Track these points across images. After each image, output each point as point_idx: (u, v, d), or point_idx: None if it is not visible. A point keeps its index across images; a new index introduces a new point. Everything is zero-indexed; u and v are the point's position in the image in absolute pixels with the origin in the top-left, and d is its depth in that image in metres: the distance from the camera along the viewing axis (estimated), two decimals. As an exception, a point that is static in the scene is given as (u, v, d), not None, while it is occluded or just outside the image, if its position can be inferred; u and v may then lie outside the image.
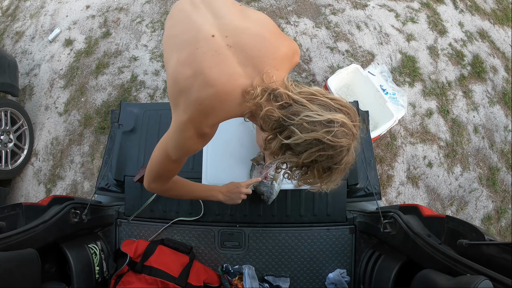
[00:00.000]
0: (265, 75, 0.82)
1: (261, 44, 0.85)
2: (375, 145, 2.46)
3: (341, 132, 0.74)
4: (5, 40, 3.15)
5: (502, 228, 2.33)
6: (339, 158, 0.77)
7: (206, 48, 0.84)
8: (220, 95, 0.82)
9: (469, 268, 0.83)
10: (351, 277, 1.46)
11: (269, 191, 1.37)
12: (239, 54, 0.83)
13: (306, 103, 0.76)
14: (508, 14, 2.99)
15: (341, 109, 0.77)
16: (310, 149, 0.75)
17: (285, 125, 0.77)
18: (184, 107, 0.84)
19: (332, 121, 0.74)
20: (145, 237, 1.51)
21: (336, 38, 2.80)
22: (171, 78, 0.88)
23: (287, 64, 0.91)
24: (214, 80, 0.81)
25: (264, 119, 0.80)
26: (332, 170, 0.79)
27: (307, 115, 0.74)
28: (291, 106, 0.77)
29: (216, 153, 1.46)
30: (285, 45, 0.92)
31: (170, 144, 0.92)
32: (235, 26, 0.87)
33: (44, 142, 2.68)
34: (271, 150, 0.82)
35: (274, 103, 0.78)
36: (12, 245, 0.98)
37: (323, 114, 0.74)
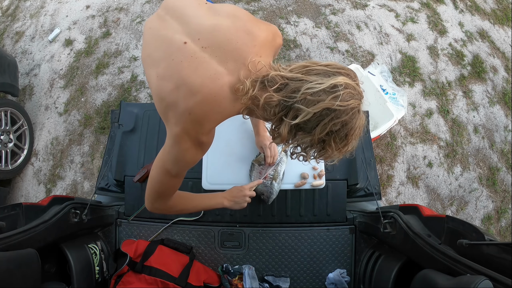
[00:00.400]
0: (250, 64, 0.78)
1: (236, 36, 0.81)
2: (375, 145, 2.46)
3: (347, 94, 0.71)
4: (5, 40, 3.15)
5: (502, 228, 2.33)
6: (354, 122, 0.73)
7: (181, 57, 0.81)
8: (208, 99, 0.78)
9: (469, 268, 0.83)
10: (351, 277, 1.46)
11: (269, 191, 1.37)
12: (216, 53, 0.80)
13: (302, 76, 0.73)
14: (508, 14, 2.99)
15: (340, 72, 0.74)
16: (322, 121, 0.71)
17: (289, 106, 0.73)
18: (175, 120, 0.81)
19: (335, 85, 0.70)
20: (145, 237, 1.51)
21: (336, 38, 2.80)
22: (156, 95, 0.85)
23: (269, 49, 0.87)
24: (197, 86, 0.78)
25: (265, 107, 0.77)
26: (348, 137, 0.75)
27: (308, 88, 0.71)
28: (287, 85, 0.74)
29: (216, 153, 1.46)
30: (262, 29, 0.87)
31: (168, 160, 0.88)
32: (205, 27, 0.83)
33: (44, 142, 2.68)
34: (281, 136, 0.77)
35: (270, 88, 0.75)
36: (12, 245, 0.98)
37: (323, 81, 0.71)
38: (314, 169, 1.43)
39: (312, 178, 1.43)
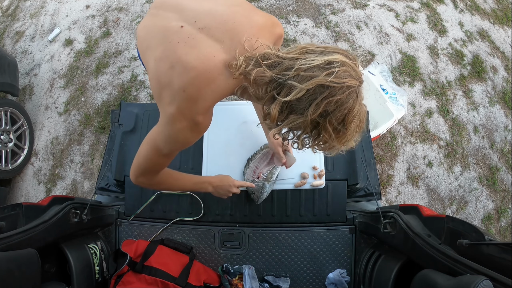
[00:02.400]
0: (246, 42, 0.77)
1: (233, 17, 0.81)
2: (375, 145, 2.46)
3: (343, 72, 0.67)
4: (5, 40, 3.15)
5: (502, 228, 2.33)
6: (351, 104, 0.68)
7: (178, 39, 0.81)
8: (203, 75, 0.77)
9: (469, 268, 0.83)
10: (351, 277, 1.46)
11: (260, 191, 1.37)
12: (213, 32, 0.80)
13: (298, 56, 0.70)
14: (508, 14, 2.99)
15: (337, 51, 0.70)
16: (315, 100, 0.67)
17: (281, 82, 0.70)
18: (169, 99, 0.80)
19: (331, 61, 0.67)
20: (145, 237, 1.51)
21: (336, 38, 2.80)
22: (153, 78, 0.85)
23: (268, 34, 0.85)
24: (192, 63, 0.77)
25: (257, 83, 0.74)
26: (347, 122, 0.70)
27: (301, 64, 0.67)
28: (282, 63, 0.71)
29: (216, 152, 1.46)
30: (260, 15, 0.88)
31: (160, 139, 0.87)
32: (201, 11, 0.84)
33: (44, 142, 2.68)
34: (272, 116, 0.73)
35: (263, 62, 0.72)
36: (12, 245, 0.98)
37: (318, 57, 0.68)
38: (314, 169, 1.43)
39: (312, 178, 1.43)
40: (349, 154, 1.54)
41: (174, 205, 1.53)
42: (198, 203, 1.51)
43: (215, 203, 1.52)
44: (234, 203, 1.52)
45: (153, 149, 0.90)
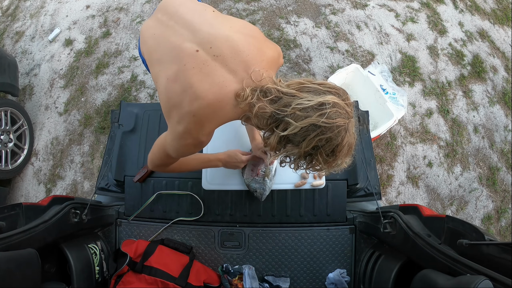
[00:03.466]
0: (253, 73, 0.83)
1: (248, 49, 0.86)
2: (375, 145, 2.46)
3: (334, 113, 0.75)
4: (5, 40, 3.15)
5: (502, 228, 2.33)
6: (339, 139, 0.77)
7: (193, 64, 0.85)
8: (213, 104, 0.83)
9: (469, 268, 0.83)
10: (351, 277, 1.46)
11: (262, 188, 1.36)
12: (227, 62, 0.84)
13: (296, 92, 0.78)
14: (508, 14, 2.99)
15: (330, 91, 0.78)
16: (308, 136, 0.76)
17: (279, 118, 0.78)
18: (177, 119, 0.87)
19: (323, 103, 0.75)
20: (145, 237, 1.51)
21: (336, 38, 2.80)
22: (163, 95, 0.90)
23: (273, 66, 0.93)
24: (204, 91, 0.82)
25: (258, 116, 0.82)
26: (336, 153, 0.79)
27: (298, 103, 0.75)
28: (281, 99, 0.79)
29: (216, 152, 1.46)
30: (271, 48, 0.95)
31: (169, 148, 0.95)
32: (217, 36, 0.87)
33: (44, 142, 2.68)
34: (271, 146, 0.83)
35: (264, 99, 0.80)
36: (12, 245, 0.98)
37: (313, 99, 0.75)
38: (314, 169, 1.43)
39: (312, 178, 1.43)
40: (349, 154, 1.54)
41: (174, 205, 1.53)
42: (198, 203, 1.51)
43: (215, 203, 1.52)
44: (234, 203, 1.52)
45: (163, 153, 0.99)
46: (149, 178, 1.55)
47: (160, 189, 1.53)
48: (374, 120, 2.23)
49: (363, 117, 1.63)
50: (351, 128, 0.80)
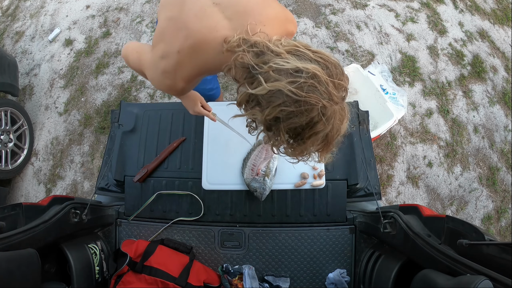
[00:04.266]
0: (250, 25, 0.77)
1: (248, 1, 0.83)
2: (375, 145, 2.46)
3: (309, 86, 0.63)
4: (5, 40, 3.15)
5: (502, 228, 2.33)
6: (307, 120, 0.66)
7: (191, 6, 0.84)
8: (198, 44, 0.81)
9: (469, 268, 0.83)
10: (351, 277, 1.46)
11: (262, 187, 1.37)
12: (225, 10, 0.82)
13: (282, 52, 0.68)
14: (508, 14, 2.99)
15: (319, 61, 0.66)
16: (272, 103, 0.66)
17: (254, 74, 0.69)
18: (162, 53, 0.86)
19: (300, 70, 0.63)
20: (145, 237, 1.51)
21: (336, 38, 2.80)
22: (158, 30, 0.91)
23: (277, 26, 0.85)
24: (194, 31, 0.81)
25: (236, 65, 0.74)
26: (303, 136, 0.69)
27: (275, 63, 0.66)
28: (264, 54, 0.70)
29: (216, 153, 1.46)
30: (275, 7, 0.89)
31: (146, 71, 0.95)
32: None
33: (44, 142, 2.68)
34: (238, 101, 0.75)
35: (249, 49, 0.72)
36: (12, 245, 0.98)
37: (292, 62, 0.65)
38: (314, 169, 1.43)
39: (312, 178, 1.43)
40: (349, 154, 1.54)
41: (174, 205, 1.53)
42: (198, 203, 1.51)
43: (215, 203, 1.52)
44: (234, 203, 1.52)
45: (138, 66, 1.01)
46: (149, 178, 1.55)
47: (160, 189, 1.52)
48: (374, 120, 2.23)
49: (363, 117, 1.63)
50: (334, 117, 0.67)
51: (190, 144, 1.59)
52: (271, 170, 1.38)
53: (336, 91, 0.66)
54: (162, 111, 1.66)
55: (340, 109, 0.69)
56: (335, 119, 0.68)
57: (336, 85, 0.66)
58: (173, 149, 1.57)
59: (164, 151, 1.57)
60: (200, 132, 1.56)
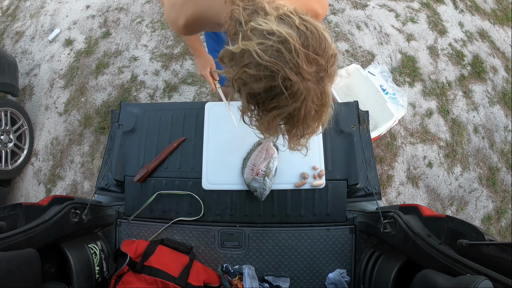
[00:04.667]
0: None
1: None
2: (375, 145, 2.46)
3: (275, 50, 0.58)
4: (5, 40, 3.15)
5: (502, 228, 2.33)
6: (265, 87, 0.61)
7: None
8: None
9: (469, 268, 0.83)
10: (351, 277, 1.46)
11: (262, 187, 1.37)
12: None
13: (271, 14, 0.63)
14: (508, 14, 2.99)
15: (300, 28, 0.60)
16: (240, 64, 0.62)
17: (239, 31, 0.65)
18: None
19: (273, 33, 0.58)
20: (145, 237, 1.51)
21: (336, 38, 2.80)
22: None
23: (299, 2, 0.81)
24: None
25: (230, 18, 0.70)
26: (266, 108, 0.64)
27: (256, 22, 0.62)
28: (254, 12, 0.66)
29: (216, 153, 1.46)
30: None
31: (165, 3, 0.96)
32: None
33: (44, 142, 2.68)
34: (219, 56, 0.69)
35: (243, 4, 0.68)
36: (12, 245, 0.98)
37: (270, 24, 0.60)
38: (314, 169, 1.43)
39: (312, 178, 1.43)
40: (349, 154, 1.54)
41: (174, 205, 1.53)
42: (198, 203, 1.51)
43: (215, 203, 1.52)
44: (234, 203, 1.52)
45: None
46: (149, 178, 1.55)
47: (160, 189, 1.52)
48: (374, 120, 2.23)
49: (363, 117, 1.63)
50: (305, 96, 0.61)
51: (190, 144, 1.59)
52: (271, 170, 1.38)
53: (307, 65, 0.59)
54: (162, 111, 1.66)
55: (318, 91, 0.63)
56: (306, 100, 0.62)
57: (310, 58, 0.59)
58: (173, 149, 1.57)
59: (164, 151, 1.57)
60: (200, 132, 1.56)
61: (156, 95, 2.68)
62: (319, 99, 0.63)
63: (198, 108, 1.63)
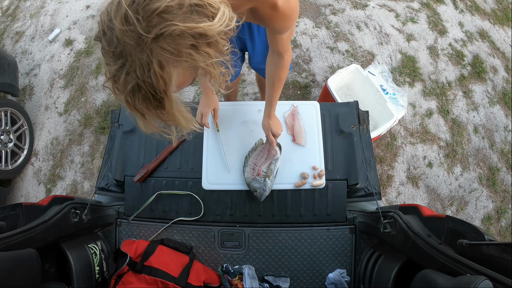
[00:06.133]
0: None
1: None
2: (375, 145, 2.46)
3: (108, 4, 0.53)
4: (5, 40, 3.15)
5: (502, 228, 2.33)
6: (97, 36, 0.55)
7: None
8: None
9: (469, 268, 0.83)
10: (351, 277, 1.46)
11: (262, 188, 1.37)
12: None
13: None
14: (508, 14, 2.99)
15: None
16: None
17: None
18: None
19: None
20: (145, 237, 1.51)
21: (336, 38, 2.80)
22: None
23: None
24: None
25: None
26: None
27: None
28: None
29: (216, 153, 1.46)
30: None
31: None
32: None
33: (44, 142, 2.68)
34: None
35: None
36: (12, 245, 0.98)
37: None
38: (314, 169, 1.43)
39: (312, 178, 1.43)
40: (349, 154, 1.54)
41: (174, 205, 1.53)
42: (198, 203, 1.51)
43: (215, 203, 1.52)
44: (234, 203, 1.52)
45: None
46: (149, 178, 1.55)
47: (160, 189, 1.52)
48: (374, 120, 2.23)
49: (363, 117, 1.63)
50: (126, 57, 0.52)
51: (190, 144, 1.59)
52: (273, 172, 1.38)
53: (121, 23, 0.50)
54: (162, 111, 1.66)
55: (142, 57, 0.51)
56: (127, 64, 0.52)
57: (128, 16, 0.50)
58: (173, 149, 1.57)
59: (164, 151, 1.57)
60: (200, 132, 1.56)
61: (156, 95, 2.68)
62: (141, 69, 0.52)
63: (198, 108, 1.63)
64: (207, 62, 0.56)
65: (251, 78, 2.70)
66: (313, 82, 2.67)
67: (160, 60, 0.52)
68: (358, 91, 2.41)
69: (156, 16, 0.49)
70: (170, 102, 0.57)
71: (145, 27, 0.49)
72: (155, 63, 0.52)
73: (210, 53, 0.56)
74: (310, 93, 2.64)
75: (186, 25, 0.50)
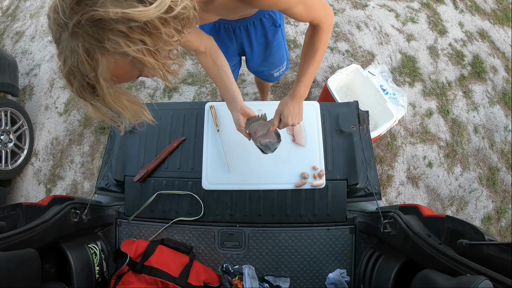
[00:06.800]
0: None
1: None
2: (375, 145, 2.46)
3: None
4: (5, 40, 3.15)
5: (502, 228, 2.33)
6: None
7: None
8: None
9: (469, 268, 0.83)
10: (351, 277, 1.46)
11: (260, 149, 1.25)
12: None
13: None
14: (508, 14, 2.99)
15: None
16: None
17: None
18: None
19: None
20: (145, 237, 1.51)
21: (336, 38, 2.80)
22: None
23: None
24: None
25: None
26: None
27: None
28: None
29: (216, 153, 1.46)
30: None
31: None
32: None
33: (44, 142, 2.68)
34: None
35: None
36: (12, 245, 0.98)
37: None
38: (314, 169, 1.43)
39: (312, 178, 1.43)
40: (349, 154, 1.54)
41: (174, 205, 1.53)
42: (198, 203, 1.51)
43: (215, 203, 1.52)
44: (234, 203, 1.52)
45: None
46: (149, 178, 1.55)
47: (160, 189, 1.53)
48: (374, 120, 2.23)
49: (363, 117, 1.63)
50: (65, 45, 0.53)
51: (190, 144, 1.59)
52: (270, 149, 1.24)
53: (52, 11, 0.52)
54: (162, 111, 1.66)
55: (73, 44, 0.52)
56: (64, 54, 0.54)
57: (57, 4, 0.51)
58: (173, 149, 1.57)
59: (164, 151, 1.57)
60: (200, 132, 1.56)
61: (156, 95, 2.68)
62: (72, 55, 0.53)
63: (198, 108, 1.63)
64: (141, 50, 0.53)
65: (251, 78, 2.70)
66: (313, 82, 2.67)
67: (86, 47, 0.52)
68: (358, 91, 2.41)
69: (79, 2, 0.49)
70: (102, 89, 0.57)
71: (69, 15, 0.50)
72: (81, 50, 0.52)
73: (145, 41, 0.53)
74: (310, 93, 2.64)
75: (108, 10, 0.48)
